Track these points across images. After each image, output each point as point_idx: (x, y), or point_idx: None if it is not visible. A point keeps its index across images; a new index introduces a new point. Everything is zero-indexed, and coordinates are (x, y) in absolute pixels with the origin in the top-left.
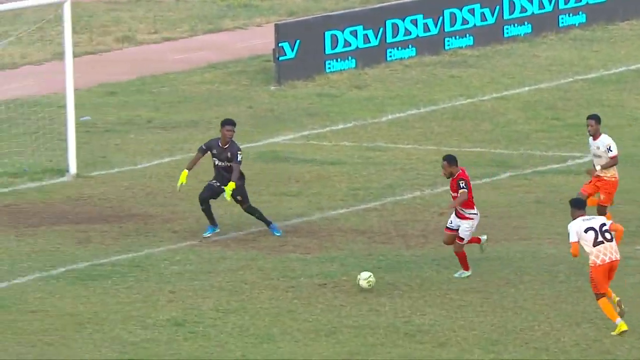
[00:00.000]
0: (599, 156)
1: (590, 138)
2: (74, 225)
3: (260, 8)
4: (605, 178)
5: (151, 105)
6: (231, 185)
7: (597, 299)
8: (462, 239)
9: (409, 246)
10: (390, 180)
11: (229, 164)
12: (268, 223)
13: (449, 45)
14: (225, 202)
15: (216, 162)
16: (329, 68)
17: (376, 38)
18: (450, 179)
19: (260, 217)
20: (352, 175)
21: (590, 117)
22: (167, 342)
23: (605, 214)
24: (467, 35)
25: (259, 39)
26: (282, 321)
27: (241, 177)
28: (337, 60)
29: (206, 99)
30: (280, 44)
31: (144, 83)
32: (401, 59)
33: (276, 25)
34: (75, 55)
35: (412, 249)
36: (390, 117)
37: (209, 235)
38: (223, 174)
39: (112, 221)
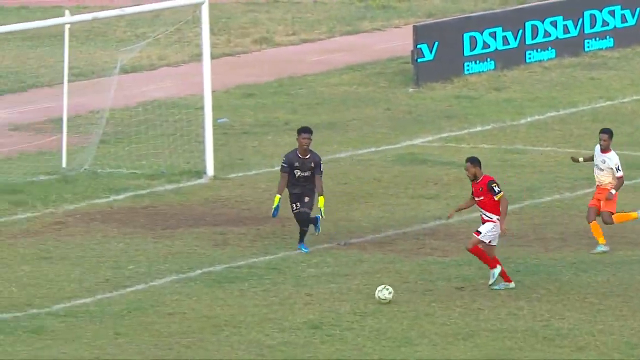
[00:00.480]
0: (602, 169)
1: (599, 149)
2: (211, 227)
3: (398, 9)
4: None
5: (289, 107)
6: (322, 201)
7: None
8: (479, 232)
9: (548, 249)
10: (528, 183)
11: (309, 174)
12: (301, 238)
13: (588, 47)
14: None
15: (297, 174)
16: (468, 70)
17: (515, 40)
18: (473, 182)
19: (304, 230)
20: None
21: (603, 132)
22: (303, 345)
23: (611, 222)
24: (607, 36)
25: (397, 41)
26: (419, 324)
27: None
28: (475, 62)
29: (344, 100)
30: (418, 46)
31: (282, 85)
32: (540, 60)
33: (415, 27)
34: (213, 57)
35: (551, 252)
36: (529, 119)
37: (305, 251)
38: (303, 184)
39: (249, 223)
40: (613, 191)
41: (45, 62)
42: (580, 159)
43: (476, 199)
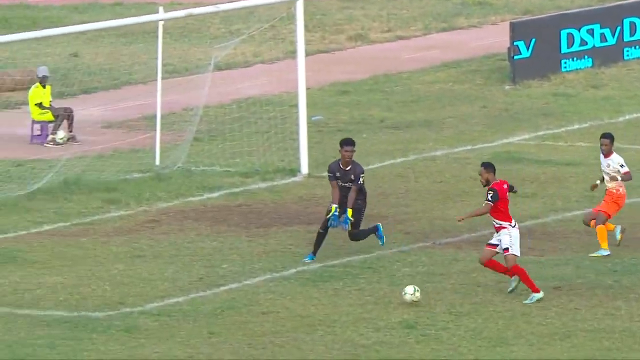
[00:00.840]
0: (608, 174)
1: (602, 156)
2: (305, 225)
3: (495, 6)
4: (614, 192)
5: (384, 105)
6: (350, 212)
7: None
8: (507, 249)
9: None
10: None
11: (352, 184)
12: (374, 231)
13: None
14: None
15: (340, 184)
16: (565, 67)
17: (613, 37)
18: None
19: (364, 236)
20: (588, 176)
21: (604, 137)
22: (398, 345)
23: (605, 223)
24: None
25: (494, 38)
26: (515, 324)
27: (363, 198)
28: (573, 60)
29: (439, 98)
30: (515, 43)
31: (377, 82)
32: (639, 58)
33: (511, 24)
34: (307, 54)
35: None
36: (627, 117)
37: (307, 261)
38: (345, 194)
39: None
40: (607, 184)
41: (139, 59)
42: (598, 182)
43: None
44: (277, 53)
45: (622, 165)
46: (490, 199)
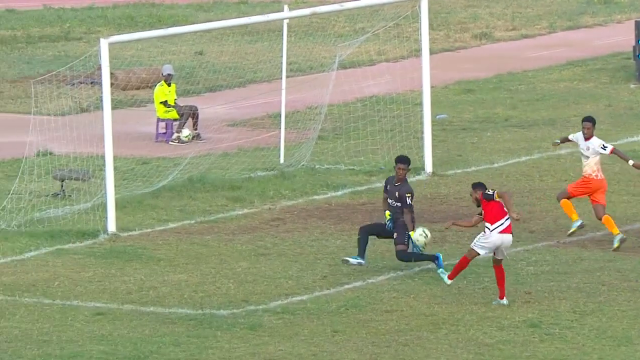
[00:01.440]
0: (587, 157)
1: (580, 137)
2: (430, 224)
3: (620, 4)
4: (593, 178)
5: (508, 103)
6: (412, 235)
7: None
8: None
9: None
10: None
11: (398, 204)
12: (433, 259)
13: None
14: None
15: (388, 200)
16: None
17: None
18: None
19: (415, 260)
20: None
21: (586, 120)
22: (522, 344)
23: (604, 214)
24: None
25: (619, 36)
26: None
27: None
28: None
29: (564, 97)
30: None
31: (501, 80)
32: None
33: (637, 22)
34: (432, 52)
35: None
36: None
37: (349, 260)
38: (395, 212)
39: None
40: (631, 162)
41: (264, 57)
42: (558, 141)
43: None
44: (402, 51)
45: (604, 147)
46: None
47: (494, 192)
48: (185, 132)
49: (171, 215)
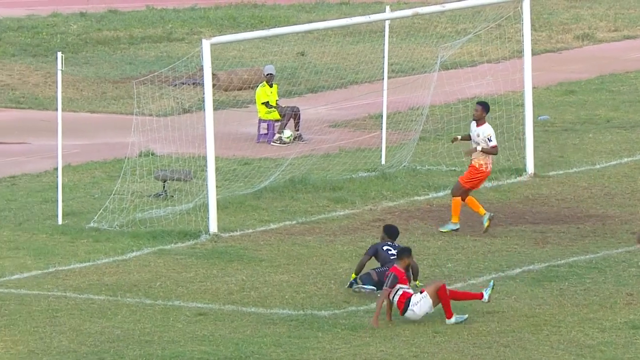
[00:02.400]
0: (478, 144)
1: (474, 123)
2: (531, 225)
3: None
4: (478, 167)
5: (610, 105)
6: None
7: None
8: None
9: None
10: None
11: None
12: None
13: None
14: None
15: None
16: None
17: None
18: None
19: None
20: None
21: (479, 103)
22: (624, 346)
23: (467, 197)
24: None
25: None
26: None
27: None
28: None
29: None
30: None
31: (603, 82)
32: None
33: None
34: (533, 53)
35: None
36: None
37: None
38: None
39: (570, 222)
40: (479, 147)
41: (365, 58)
42: (459, 137)
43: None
44: (504, 52)
45: (489, 139)
46: (389, 284)
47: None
48: (287, 132)
49: (273, 216)
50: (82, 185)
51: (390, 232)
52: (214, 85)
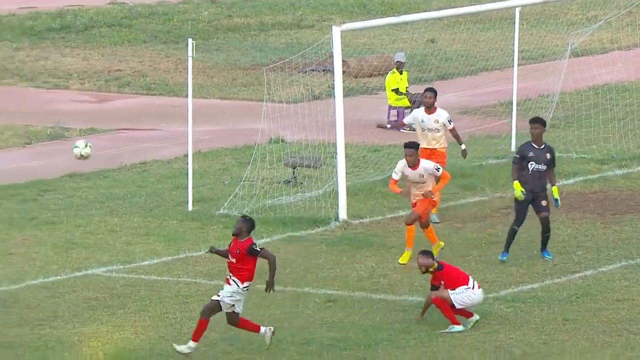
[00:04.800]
0: (437, 130)
1: (424, 113)
2: None
3: None
4: (438, 150)
5: None
6: (555, 191)
7: None
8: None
9: None
10: None
11: (546, 167)
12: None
13: None
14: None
15: (533, 166)
16: None
17: None
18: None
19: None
20: None
21: (428, 90)
22: None
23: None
24: None
25: None
26: None
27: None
28: None
29: None
30: None
31: None
32: None
33: None
34: None
35: None
36: None
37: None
38: (537, 178)
39: None
40: (434, 141)
41: (496, 46)
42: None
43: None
44: (635, 39)
45: (450, 121)
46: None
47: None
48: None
49: (402, 203)
50: (212, 172)
51: None
52: (344, 72)
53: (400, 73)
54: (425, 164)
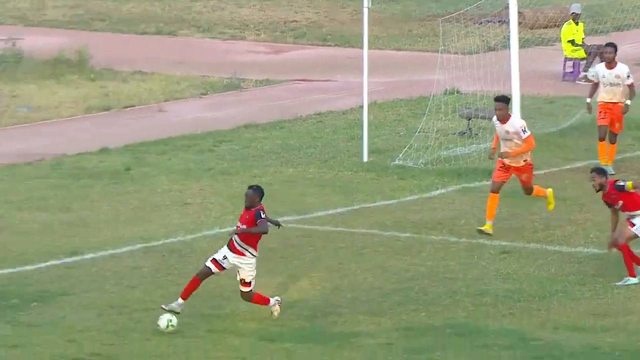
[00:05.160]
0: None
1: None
2: None
3: None
4: (618, 104)
5: None
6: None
7: None
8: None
9: None
10: None
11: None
12: None
13: None
14: None
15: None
16: None
17: None
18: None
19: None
20: None
21: (609, 45)
22: None
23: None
24: None
25: None
26: None
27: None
28: None
29: None
30: None
31: None
32: None
33: None
34: None
35: None
36: None
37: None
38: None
39: None
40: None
41: None
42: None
43: (616, 207)
44: None
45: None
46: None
47: (625, 183)
48: (592, 71)
49: (578, 154)
50: (387, 123)
51: None
52: (519, 23)
53: (576, 24)
54: (514, 121)
